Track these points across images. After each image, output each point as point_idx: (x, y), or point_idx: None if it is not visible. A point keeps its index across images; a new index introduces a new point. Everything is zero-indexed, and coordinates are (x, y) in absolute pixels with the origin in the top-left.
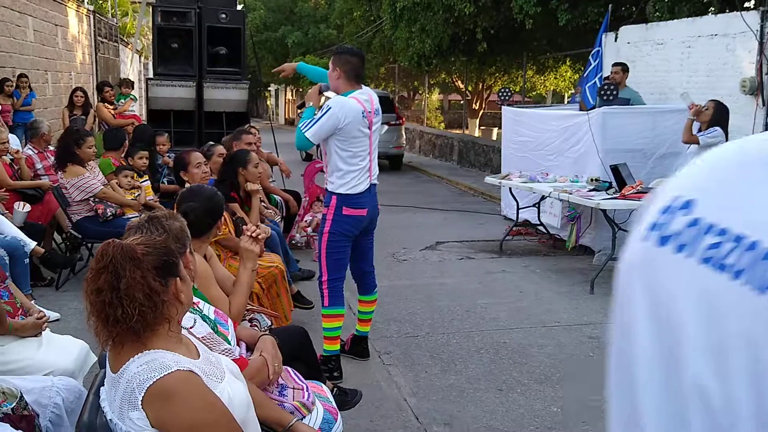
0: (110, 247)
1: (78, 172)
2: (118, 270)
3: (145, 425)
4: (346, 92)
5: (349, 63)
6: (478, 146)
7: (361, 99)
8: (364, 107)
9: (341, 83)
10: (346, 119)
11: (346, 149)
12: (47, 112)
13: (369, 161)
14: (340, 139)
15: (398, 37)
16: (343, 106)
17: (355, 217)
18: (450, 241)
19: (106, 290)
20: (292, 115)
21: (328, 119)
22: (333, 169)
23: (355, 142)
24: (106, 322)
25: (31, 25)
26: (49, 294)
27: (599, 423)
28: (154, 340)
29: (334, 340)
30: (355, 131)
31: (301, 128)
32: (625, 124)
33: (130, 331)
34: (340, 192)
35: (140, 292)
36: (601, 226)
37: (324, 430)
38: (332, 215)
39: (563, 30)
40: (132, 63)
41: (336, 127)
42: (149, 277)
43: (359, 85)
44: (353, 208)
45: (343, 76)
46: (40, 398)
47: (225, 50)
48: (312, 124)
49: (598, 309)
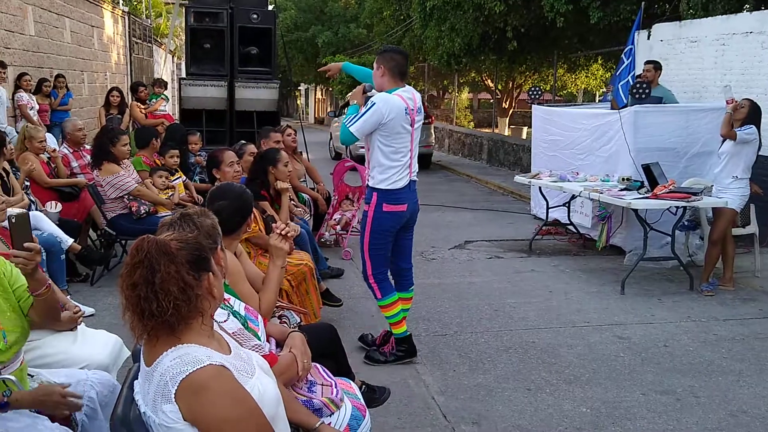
0: (145, 243)
1: (113, 170)
2: (153, 264)
3: (178, 418)
4: (391, 90)
5: (394, 60)
6: (508, 145)
7: (405, 96)
8: (407, 104)
9: (386, 81)
10: (389, 115)
11: (389, 145)
12: (83, 111)
13: (410, 158)
14: (383, 134)
15: (428, 36)
16: (387, 102)
17: (395, 213)
18: (479, 240)
19: (142, 284)
20: (321, 114)
21: (372, 114)
22: (375, 164)
23: (397, 138)
24: (142, 316)
25: (68, 27)
26: (84, 289)
27: (629, 423)
28: (188, 334)
29: (399, 324)
30: (398, 127)
31: (346, 123)
32: (658, 123)
33: (165, 325)
34: (381, 187)
35: (175, 286)
36: (632, 225)
37: (352, 427)
38: (373, 212)
39: (595, 28)
40: (165, 63)
41: (380, 122)
42: (183, 272)
43: (403, 83)
44: (393, 204)
45: (388, 73)
46: (75, 392)
47: (256, 50)
48: (356, 120)
49: (629, 309)
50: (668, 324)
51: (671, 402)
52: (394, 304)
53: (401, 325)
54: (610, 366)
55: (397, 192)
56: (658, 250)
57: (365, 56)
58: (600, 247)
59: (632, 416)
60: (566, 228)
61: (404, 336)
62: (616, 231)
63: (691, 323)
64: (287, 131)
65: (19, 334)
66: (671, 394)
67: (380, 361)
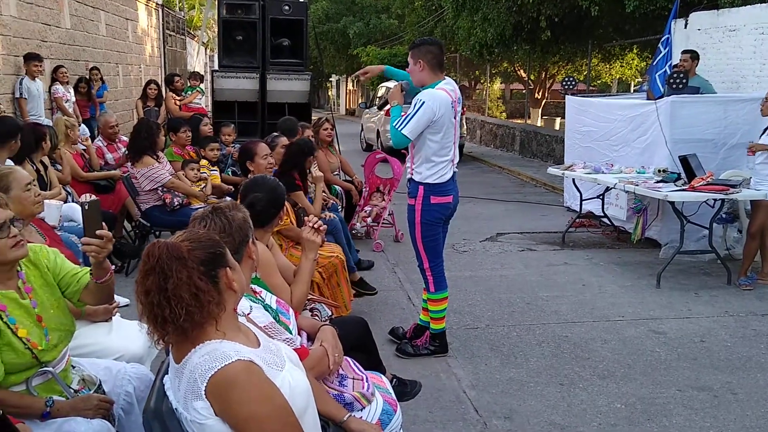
0: (156, 248)
1: (148, 163)
2: (165, 271)
3: (210, 414)
4: (433, 84)
5: (431, 53)
6: (541, 136)
7: (448, 89)
8: (451, 97)
9: (426, 75)
10: (440, 111)
11: (438, 141)
12: (118, 104)
13: (453, 150)
14: (433, 131)
15: (460, 27)
16: (436, 98)
17: (442, 204)
18: (511, 233)
19: (155, 291)
20: (352, 105)
21: (423, 113)
22: (422, 161)
23: (446, 134)
24: (156, 322)
25: (103, 20)
26: (119, 280)
27: (664, 420)
28: (203, 336)
29: (440, 321)
30: (447, 122)
31: (397, 126)
32: (695, 114)
33: (178, 330)
34: (428, 182)
35: (187, 293)
36: (668, 218)
37: (383, 421)
38: (421, 205)
39: (630, 16)
40: (198, 55)
41: (431, 119)
42: (195, 277)
43: (443, 74)
44: (440, 196)
45: (427, 66)
46: (113, 387)
47: (288, 42)
48: (407, 121)
49: (665, 304)
50: (705, 319)
51: (708, 398)
52: (443, 300)
53: (442, 322)
54: (646, 361)
55: (443, 185)
56: (695, 243)
57: (396, 47)
58: (635, 240)
59: (668, 413)
60: (600, 220)
61: (440, 332)
62: (652, 223)
63: (729, 318)
64: (324, 125)
65: (63, 334)
66: (708, 391)
67: (411, 354)
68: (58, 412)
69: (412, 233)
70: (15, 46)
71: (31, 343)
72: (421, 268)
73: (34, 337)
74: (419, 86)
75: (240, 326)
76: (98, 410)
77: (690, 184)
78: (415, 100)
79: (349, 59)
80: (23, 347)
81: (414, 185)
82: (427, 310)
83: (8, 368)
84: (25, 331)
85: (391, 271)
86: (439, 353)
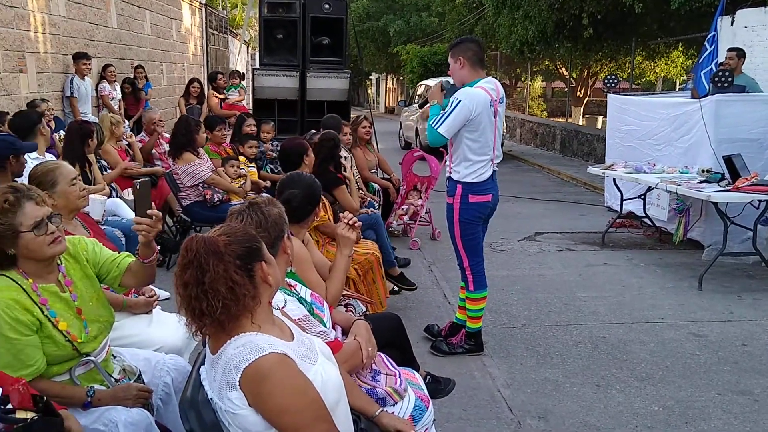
0: (194, 242)
1: (189, 159)
2: (202, 264)
3: (243, 404)
4: (473, 82)
5: (470, 50)
6: (582, 135)
7: (488, 88)
8: (491, 96)
9: (466, 72)
10: (476, 110)
11: (476, 140)
12: (162, 101)
13: (493, 149)
14: (470, 130)
15: (501, 24)
16: (473, 97)
17: (481, 203)
18: (549, 232)
19: (192, 285)
20: (392, 103)
21: (459, 112)
22: (461, 159)
23: (484, 133)
24: (193, 314)
25: (148, 19)
26: (160, 274)
27: (702, 424)
28: (239, 328)
29: (477, 320)
30: (485, 121)
31: (433, 125)
32: (740, 113)
33: (215, 323)
34: (466, 181)
35: (223, 286)
36: (711, 219)
37: (415, 417)
38: (459, 204)
39: (676, 13)
40: (240, 54)
41: (467, 118)
42: (231, 271)
43: (483, 72)
44: (479, 194)
45: (467, 63)
46: (152, 378)
47: (328, 40)
48: (443, 120)
49: (706, 306)
50: (748, 322)
51: (748, 403)
52: (482, 300)
53: (479, 321)
54: (685, 364)
55: (482, 183)
56: (739, 245)
57: (436, 45)
58: (677, 241)
59: (707, 416)
60: (641, 221)
61: (476, 331)
62: (694, 225)
63: None
64: (363, 123)
65: (102, 326)
66: (749, 395)
67: (446, 352)
68: (99, 401)
69: (451, 232)
70: (64, 45)
71: (71, 336)
72: (461, 267)
73: (74, 330)
74: (460, 84)
75: (275, 320)
76: (137, 399)
77: (734, 185)
78: (452, 99)
79: (389, 57)
80: (64, 340)
81: (452, 184)
82: (464, 309)
83: (50, 360)
84: (65, 324)
85: (428, 269)
86: (474, 352)
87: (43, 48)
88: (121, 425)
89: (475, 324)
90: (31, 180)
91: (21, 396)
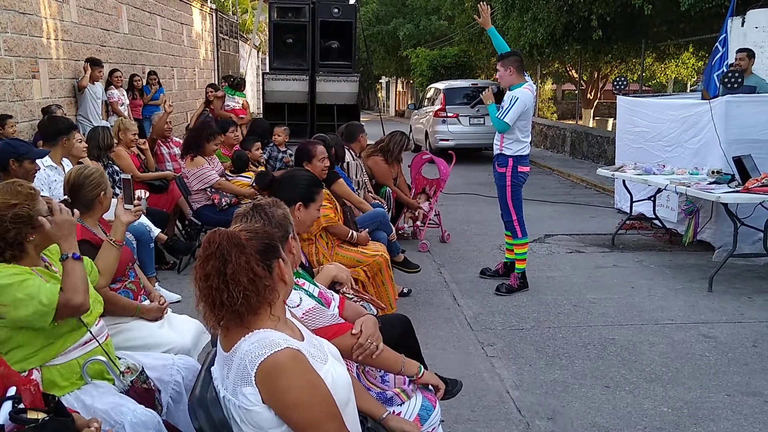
0: (216, 235)
1: (198, 163)
2: (224, 256)
3: (257, 401)
4: (519, 84)
5: (516, 61)
6: (592, 137)
7: (531, 88)
8: (533, 93)
9: (514, 77)
10: (528, 104)
11: (525, 126)
12: (174, 106)
13: (531, 133)
14: (522, 118)
15: (510, 27)
16: (526, 95)
17: (524, 172)
18: (559, 234)
19: (214, 276)
20: (402, 107)
21: (519, 106)
22: (513, 140)
23: (528, 120)
24: (213, 306)
25: (159, 25)
26: (171, 277)
27: (712, 425)
28: (258, 322)
29: (523, 261)
30: (530, 112)
31: (499, 117)
32: (751, 114)
33: (234, 315)
34: (516, 154)
35: (245, 277)
36: (722, 220)
37: (422, 417)
38: (510, 173)
39: (686, 15)
40: (250, 58)
41: (523, 110)
42: (253, 262)
43: (524, 76)
44: (523, 165)
45: (515, 71)
46: (162, 375)
47: (337, 44)
48: (507, 112)
49: (716, 308)
50: (758, 324)
51: (758, 404)
52: (526, 245)
53: (524, 263)
54: (694, 365)
55: (525, 157)
56: (750, 246)
57: (446, 48)
58: (687, 243)
59: (716, 417)
60: (651, 222)
61: (523, 271)
62: (705, 226)
63: None
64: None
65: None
66: (759, 396)
67: (512, 290)
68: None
69: (502, 195)
70: (75, 50)
71: None
72: (509, 221)
73: None
74: (507, 86)
75: (287, 320)
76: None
77: (744, 186)
78: (511, 97)
79: (398, 61)
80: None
81: (503, 158)
82: (510, 251)
83: (57, 333)
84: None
85: (437, 272)
86: (524, 288)
87: (55, 54)
88: (127, 425)
89: (522, 265)
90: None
91: (33, 396)
